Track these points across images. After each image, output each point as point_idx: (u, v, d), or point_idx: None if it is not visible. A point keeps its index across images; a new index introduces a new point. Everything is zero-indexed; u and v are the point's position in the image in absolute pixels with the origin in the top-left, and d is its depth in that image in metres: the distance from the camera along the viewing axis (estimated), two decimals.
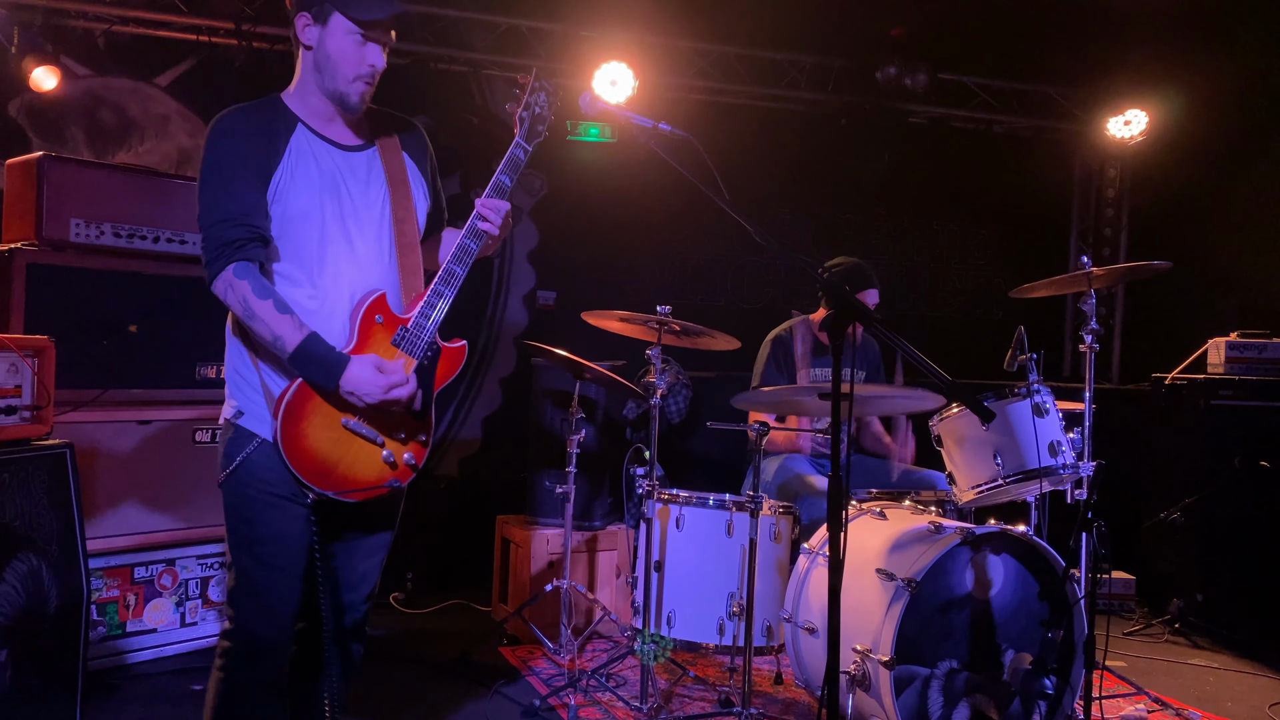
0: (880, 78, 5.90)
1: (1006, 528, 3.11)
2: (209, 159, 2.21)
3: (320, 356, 2.17)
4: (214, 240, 2.16)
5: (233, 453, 2.25)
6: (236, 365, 2.32)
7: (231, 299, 2.18)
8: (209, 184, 2.20)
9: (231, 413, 2.29)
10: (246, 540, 2.28)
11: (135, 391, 3.74)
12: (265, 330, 2.16)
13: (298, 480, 2.19)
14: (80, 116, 5.07)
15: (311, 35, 2.26)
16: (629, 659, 3.79)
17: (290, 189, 2.22)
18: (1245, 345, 4.96)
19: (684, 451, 5.32)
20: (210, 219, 2.18)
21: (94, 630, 3.60)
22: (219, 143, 2.22)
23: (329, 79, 2.26)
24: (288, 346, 2.16)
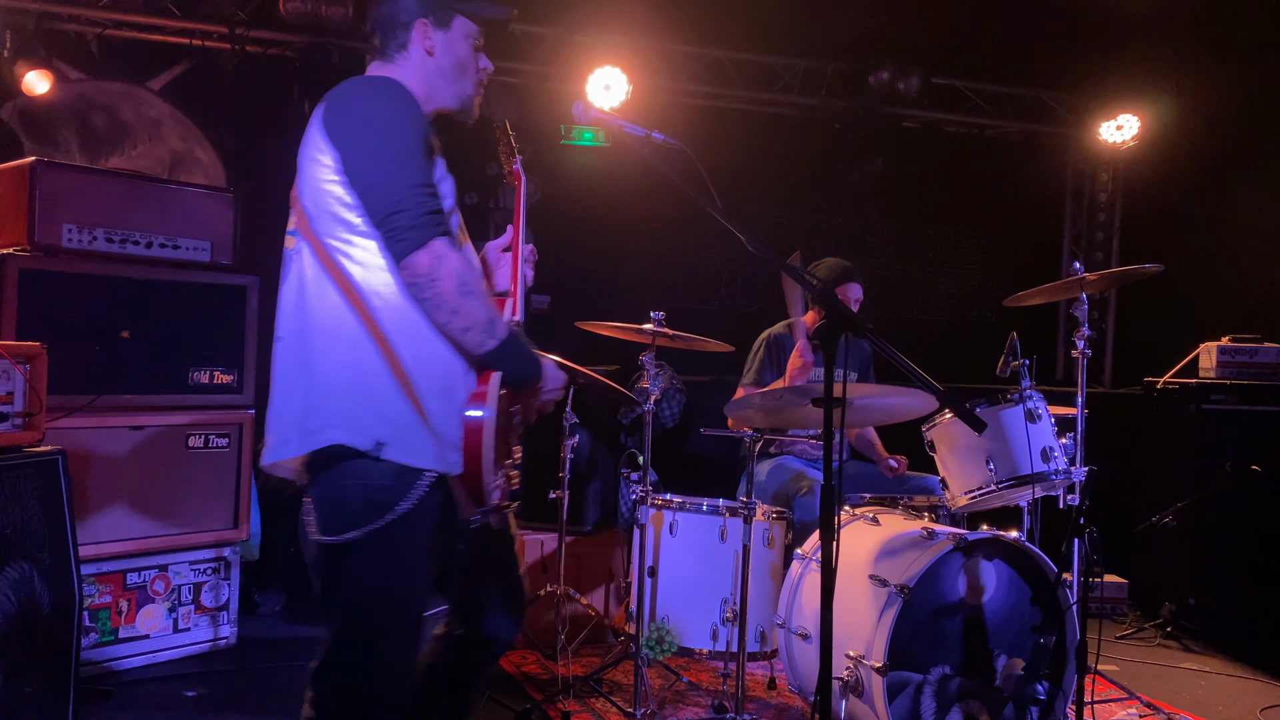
0: (873, 82, 5.92)
1: (999, 534, 3.12)
2: (382, 121, 1.95)
3: (524, 345, 2.00)
4: (417, 206, 1.88)
5: (388, 500, 1.88)
6: (363, 373, 1.91)
7: (443, 273, 1.87)
8: (392, 146, 1.92)
9: (367, 443, 1.87)
10: (387, 608, 1.94)
11: (128, 397, 3.73)
12: (482, 311, 1.92)
13: (483, 500, 1.94)
14: (73, 120, 5.05)
15: (435, 42, 2.12)
16: (623, 664, 3.79)
17: (442, 175, 2.05)
18: (1236, 350, 4.98)
19: (678, 456, 5.32)
20: (407, 181, 1.89)
21: (86, 637, 3.59)
22: (388, 108, 1.97)
23: (454, 85, 2.15)
24: (500, 331, 1.94)
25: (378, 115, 1.97)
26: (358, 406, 1.91)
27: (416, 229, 1.88)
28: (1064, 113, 6.41)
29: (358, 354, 1.92)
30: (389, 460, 1.89)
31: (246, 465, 4.03)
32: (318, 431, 1.91)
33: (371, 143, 1.93)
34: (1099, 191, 6.86)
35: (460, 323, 1.92)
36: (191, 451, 3.89)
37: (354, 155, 1.93)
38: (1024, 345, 3.47)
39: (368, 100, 2.00)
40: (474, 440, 1.93)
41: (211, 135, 5.27)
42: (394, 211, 1.89)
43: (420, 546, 1.96)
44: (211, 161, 5.27)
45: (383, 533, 1.89)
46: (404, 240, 1.88)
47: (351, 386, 1.91)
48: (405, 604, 1.97)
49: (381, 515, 1.88)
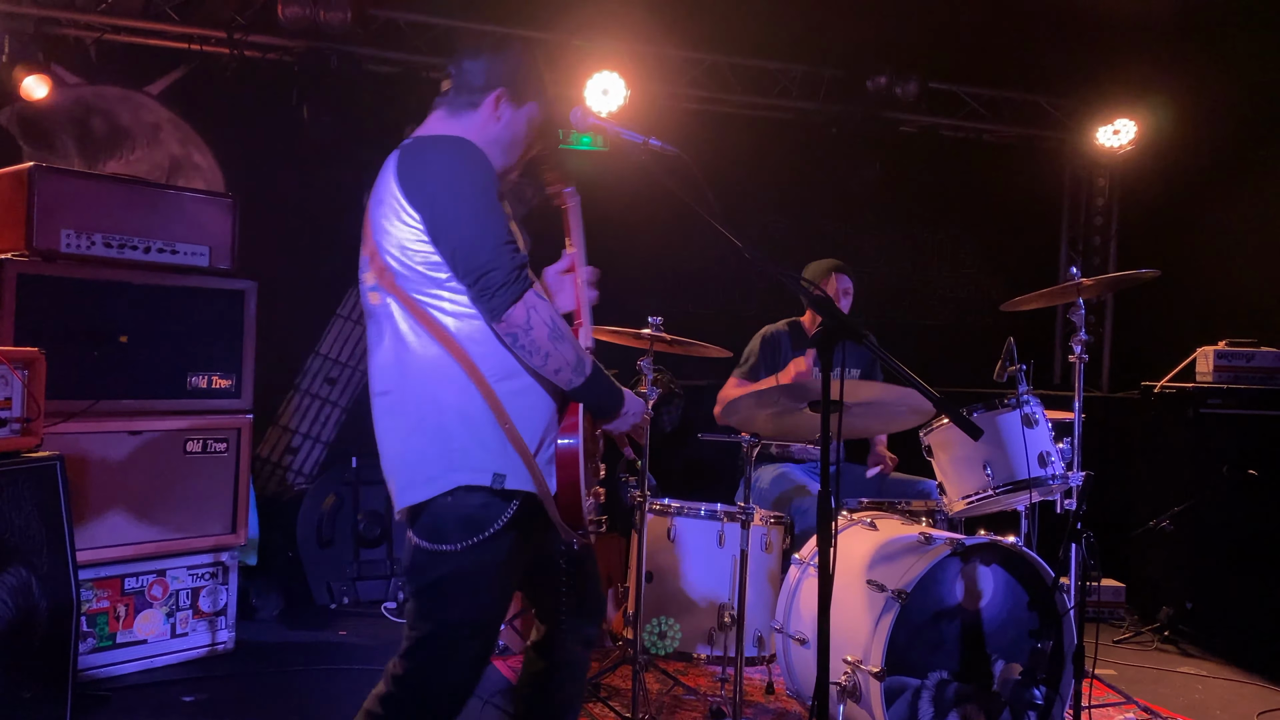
0: (871, 87, 5.92)
1: (996, 539, 3.13)
2: (467, 184, 2.08)
3: (610, 381, 2.18)
4: (509, 262, 2.02)
5: (485, 516, 2.06)
6: (471, 416, 2.07)
7: (536, 321, 2.03)
8: (477, 207, 2.06)
9: (488, 479, 2.05)
10: (475, 608, 2.12)
11: (126, 402, 3.73)
12: (572, 351, 2.09)
13: (580, 528, 2.15)
14: (71, 125, 5.06)
15: (504, 112, 2.26)
16: (621, 669, 3.79)
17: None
18: (1233, 354, 4.99)
19: (676, 460, 5.33)
20: (495, 238, 2.03)
21: (84, 642, 3.60)
22: (473, 166, 2.11)
23: (499, 154, 2.25)
24: (588, 368, 2.12)
25: (460, 178, 2.09)
26: (473, 447, 2.07)
27: (508, 286, 2.01)
28: (1061, 117, 6.42)
29: (465, 398, 2.07)
30: (501, 489, 2.07)
31: (245, 470, 4.04)
32: (442, 476, 2.07)
33: (457, 206, 2.06)
34: (1096, 196, 6.87)
35: (553, 365, 2.08)
36: (189, 456, 3.89)
37: (441, 218, 2.06)
38: (1021, 350, 3.48)
39: (450, 163, 2.11)
40: (568, 467, 2.11)
41: (210, 140, 5.28)
42: (486, 272, 2.02)
43: (506, 563, 2.12)
44: (210, 166, 5.28)
45: (476, 549, 2.07)
46: (499, 297, 2.01)
47: (464, 429, 2.07)
48: (486, 610, 2.14)
49: (478, 534, 2.07)
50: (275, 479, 5.39)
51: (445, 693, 2.14)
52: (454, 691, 2.15)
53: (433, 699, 2.13)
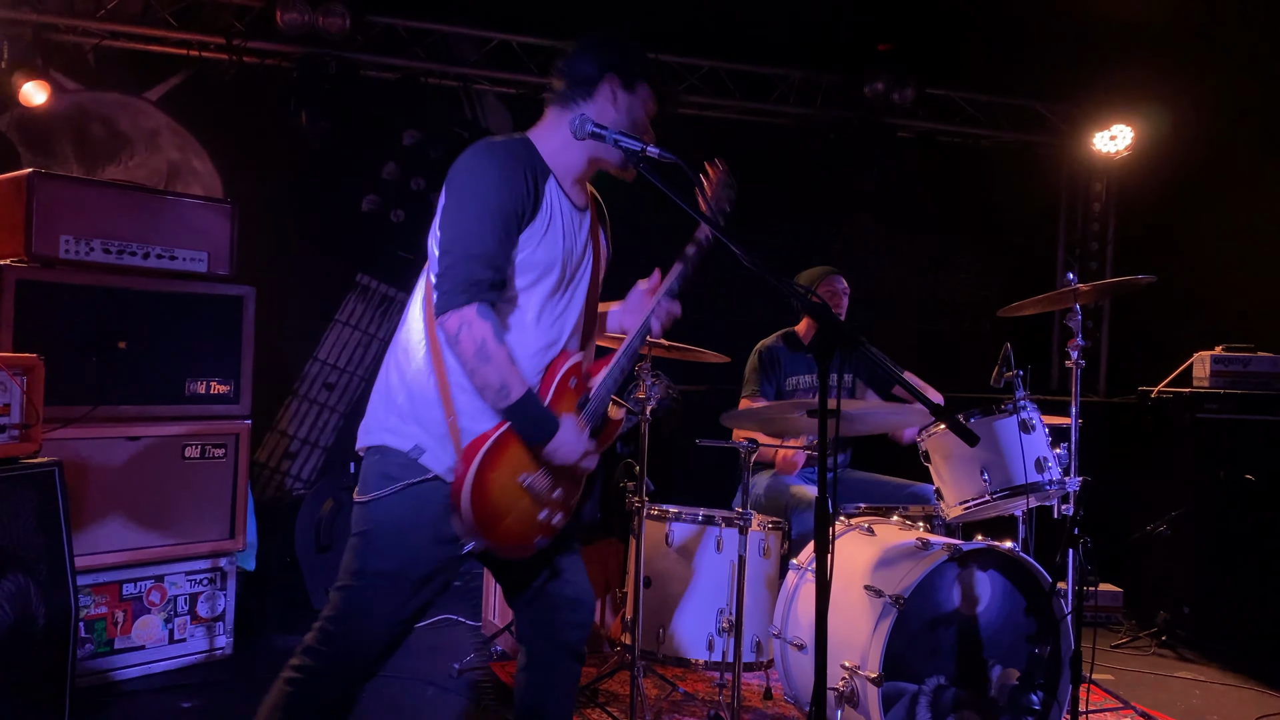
0: (868, 92, 5.94)
1: (993, 544, 3.13)
2: (472, 186, 2.16)
3: (537, 413, 2.19)
4: (462, 273, 2.10)
5: (397, 476, 2.20)
6: (420, 401, 2.21)
7: (465, 337, 2.10)
8: (466, 212, 2.14)
9: (409, 446, 2.20)
10: (380, 562, 2.22)
11: (125, 408, 3.73)
12: (494, 376, 2.12)
13: (468, 528, 2.15)
14: (70, 131, 5.07)
15: (619, 97, 2.31)
16: (619, 674, 3.80)
17: (540, 240, 2.21)
18: (1230, 359, 5.00)
19: (674, 466, 5.33)
20: (462, 248, 2.12)
21: (82, 648, 3.59)
22: (484, 175, 2.17)
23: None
24: (512, 397, 2.13)
25: (470, 181, 2.18)
26: (411, 417, 2.22)
27: (453, 293, 2.11)
28: (1058, 123, 6.44)
29: (424, 377, 2.21)
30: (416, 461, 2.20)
31: (243, 475, 4.04)
32: (377, 431, 2.26)
33: (455, 206, 2.18)
34: (1093, 201, 6.88)
35: (476, 381, 2.15)
36: (188, 462, 3.89)
37: (444, 213, 2.20)
38: (1019, 355, 3.49)
39: (472, 164, 2.20)
40: (464, 461, 2.15)
41: (209, 146, 5.29)
42: (443, 272, 2.14)
43: (420, 524, 2.19)
44: (208, 172, 5.29)
45: (388, 501, 2.20)
46: (442, 300, 2.12)
47: (410, 401, 2.22)
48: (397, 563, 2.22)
49: (389, 484, 2.20)
50: (274, 484, 5.40)
51: (360, 645, 2.23)
52: (368, 645, 2.23)
53: (348, 650, 2.23)
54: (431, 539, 2.20)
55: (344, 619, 2.23)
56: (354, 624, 2.22)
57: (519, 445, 2.20)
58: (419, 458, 2.19)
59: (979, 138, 6.49)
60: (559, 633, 2.43)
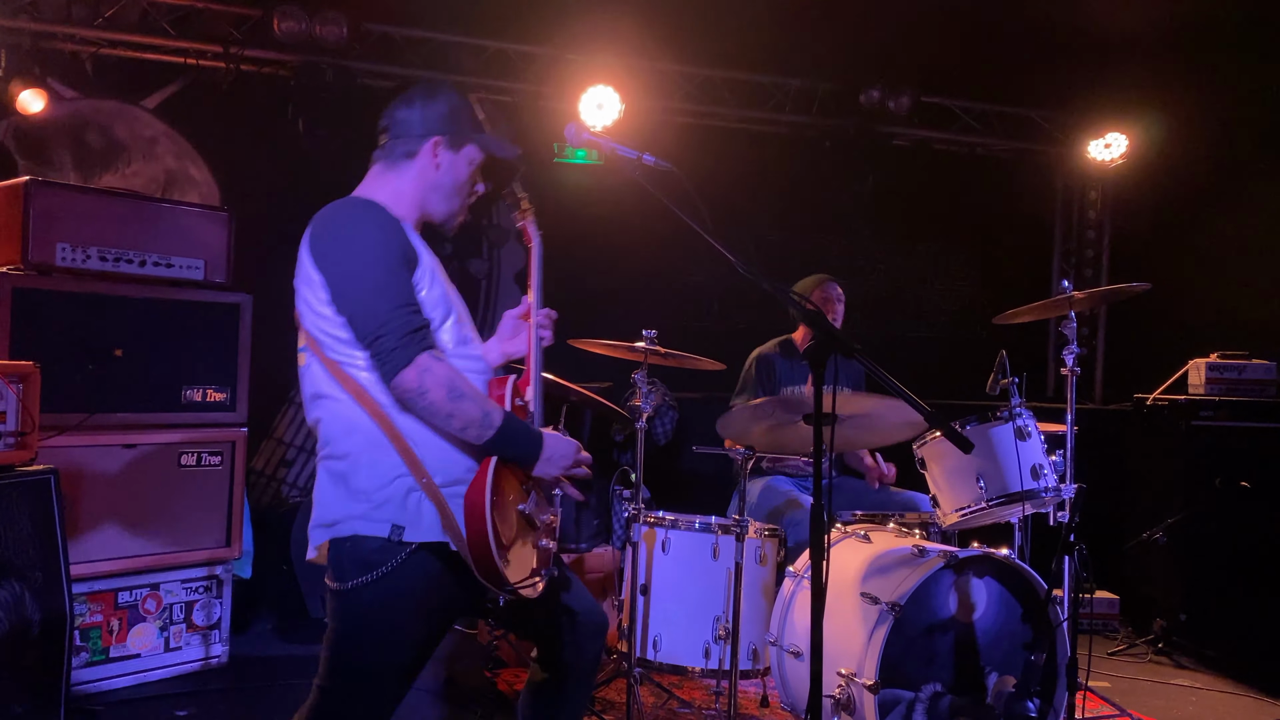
0: (864, 101, 5.97)
1: (989, 551, 3.13)
2: (364, 246, 2.10)
3: (523, 430, 2.14)
4: (400, 326, 2.03)
5: (378, 560, 2.07)
6: (383, 471, 2.09)
7: (430, 383, 2.03)
8: (367, 273, 2.08)
9: (386, 530, 2.07)
10: (370, 656, 2.10)
11: (121, 415, 3.73)
12: (474, 409, 2.06)
13: (499, 583, 2.06)
14: (67, 139, 5.07)
15: (442, 159, 2.27)
16: (615, 682, 3.79)
17: (428, 281, 2.18)
18: (1225, 366, 5.01)
19: (671, 473, 5.34)
20: (388, 303, 2.05)
21: (77, 656, 3.59)
22: (367, 233, 2.11)
23: (443, 201, 2.29)
24: (497, 421, 2.08)
25: (356, 243, 2.11)
26: (377, 497, 2.09)
27: (400, 349, 2.03)
28: (1053, 131, 6.46)
29: (378, 450, 2.10)
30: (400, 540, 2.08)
31: (239, 483, 4.03)
32: (344, 521, 2.11)
33: (353, 273, 2.09)
34: (1088, 209, 6.90)
35: (457, 424, 2.07)
36: (184, 469, 3.89)
37: (338, 285, 2.09)
38: (1014, 362, 3.50)
39: (348, 228, 2.14)
40: (473, 520, 2.04)
41: (206, 154, 5.29)
42: (377, 337, 2.04)
43: (409, 603, 2.10)
44: (205, 180, 5.29)
45: (372, 586, 2.07)
46: (390, 361, 2.03)
47: (372, 479, 2.10)
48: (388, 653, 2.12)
49: (372, 571, 2.07)
50: (270, 492, 5.39)
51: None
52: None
53: None
54: (425, 614, 2.13)
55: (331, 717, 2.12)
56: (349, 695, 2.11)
57: (508, 475, 2.14)
58: (400, 537, 2.07)
59: (974, 146, 6.51)
60: (583, 651, 2.40)
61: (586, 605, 2.44)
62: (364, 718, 2.13)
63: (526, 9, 5.27)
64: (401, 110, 2.30)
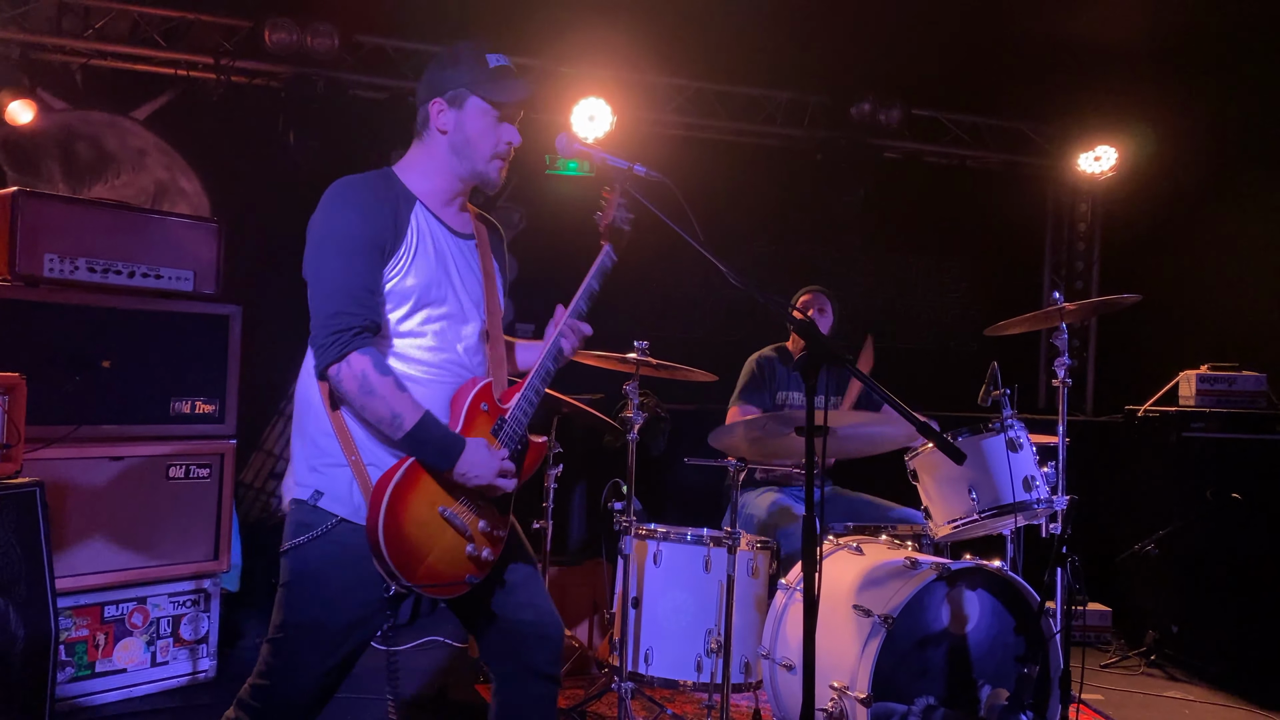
0: (855, 113, 5.99)
1: (982, 563, 3.13)
2: (326, 231, 2.16)
3: (438, 437, 2.14)
4: (330, 326, 2.10)
5: (311, 523, 2.18)
6: (320, 444, 2.20)
7: (346, 375, 2.09)
8: (326, 260, 2.14)
9: (307, 494, 2.19)
10: (303, 612, 2.21)
11: (108, 428, 3.70)
12: (383, 408, 2.10)
13: (387, 570, 2.10)
14: (56, 150, 5.05)
15: (448, 120, 2.28)
16: (606, 696, 3.76)
17: (410, 267, 2.20)
18: (1215, 378, 5.02)
19: (663, 485, 5.32)
20: (328, 305, 2.11)
21: (62, 671, 3.54)
22: (338, 215, 2.16)
23: (468, 160, 2.29)
24: (405, 425, 2.10)
25: (323, 226, 2.18)
26: (314, 467, 2.21)
27: (326, 348, 2.11)
28: (1043, 144, 6.49)
29: (320, 424, 2.21)
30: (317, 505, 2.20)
31: (228, 496, 4.00)
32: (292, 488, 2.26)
33: (314, 255, 2.17)
34: (1078, 221, 6.93)
35: (369, 415, 2.14)
36: (172, 482, 3.86)
37: (305, 264, 2.19)
38: (1006, 374, 3.49)
39: (324, 209, 2.20)
40: (372, 504, 2.10)
41: (196, 165, 5.28)
42: (313, 331, 2.15)
43: (335, 569, 2.18)
44: (195, 191, 5.28)
45: (304, 549, 2.19)
46: (319, 354, 2.13)
47: (314, 451, 2.22)
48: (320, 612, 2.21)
49: (305, 533, 2.19)
50: (259, 505, 5.35)
51: (291, 696, 2.23)
52: (299, 695, 2.23)
53: (279, 703, 2.23)
54: (351, 584, 2.16)
55: (273, 672, 2.22)
56: (284, 676, 2.22)
57: (430, 477, 2.15)
58: (317, 502, 2.17)
59: (965, 158, 6.54)
60: (526, 657, 2.36)
61: (538, 614, 2.39)
62: (305, 673, 2.21)
63: (518, 21, 5.28)
64: (419, 85, 2.34)
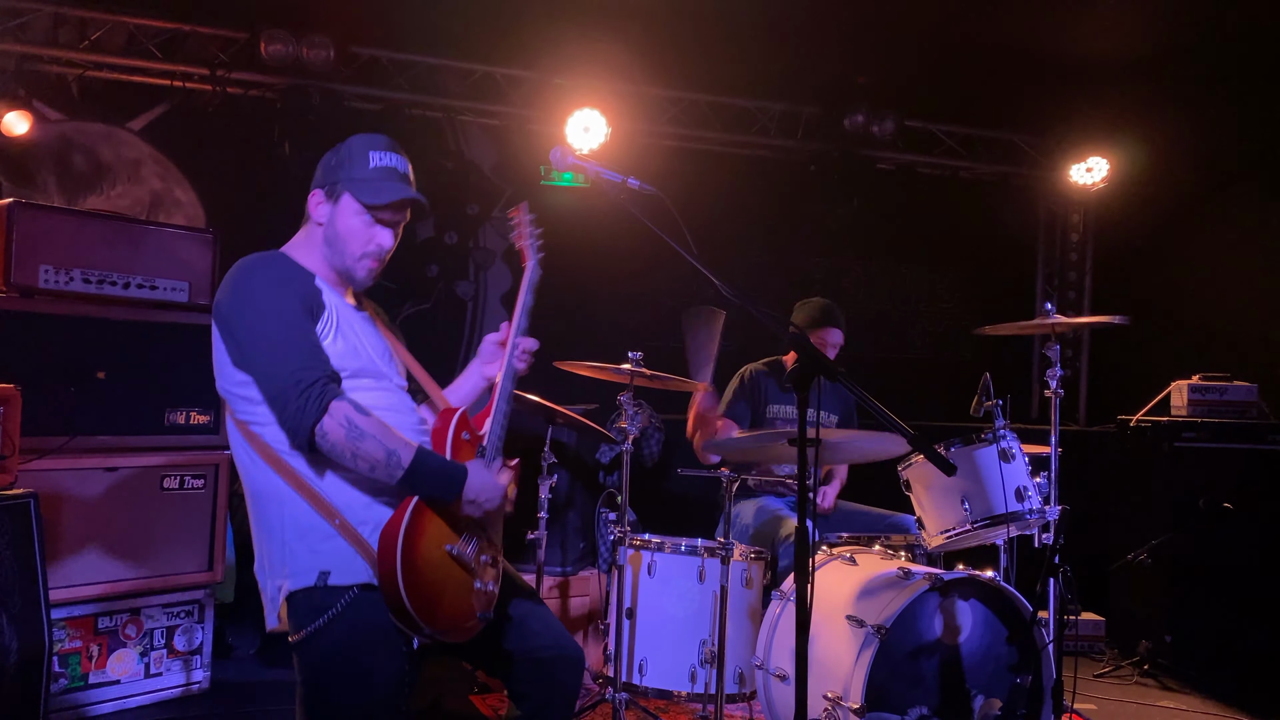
0: (848, 125, 6.02)
1: (974, 573, 3.13)
2: (259, 304, 2.11)
3: (438, 466, 2.11)
4: (298, 386, 2.03)
5: (326, 604, 2.07)
6: (303, 524, 2.11)
7: (331, 426, 2.03)
8: (266, 332, 2.09)
9: (312, 579, 2.08)
10: (343, 696, 2.06)
11: (103, 438, 3.70)
12: (376, 449, 2.04)
13: (411, 624, 2.03)
14: (52, 161, 5.06)
15: (323, 213, 2.29)
16: (601, 707, 3.76)
17: (336, 333, 2.20)
18: (1207, 388, 5.05)
19: (657, 495, 5.32)
20: (287, 365, 2.05)
21: (55, 683, 3.53)
22: (261, 290, 2.13)
23: (338, 255, 2.28)
24: (404, 460, 2.05)
25: (251, 299, 2.13)
26: (303, 551, 2.10)
27: (302, 411, 2.03)
28: (1035, 155, 6.53)
29: (293, 507, 2.12)
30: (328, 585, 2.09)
31: (222, 506, 4.00)
32: (287, 581, 2.13)
33: (250, 330, 2.11)
34: (1071, 232, 6.96)
35: (364, 465, 2.06)
36: (166, 493, 3.85)
37: (239, 343, 2.12)
38: (998, 385, 3.51)
39: (241, 288, 2.15)
40: (384, 558, 2.03)
41: (191, 176, 5.29)
42: (277, 398, 2.06)
43: (363, 644, 2.07)
44: (191, 202, 5.28)
45: (325, 630, 2.07)
46: (297, 417, 2.03)
47: (295, 536, 2.11)
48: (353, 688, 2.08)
49: (322, 615, 2.07)
50: None
51: None
52: None
53: None
54: (380, 653, 2.08)
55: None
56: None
57: (434, 516, 2.10)
58: (328, 582, 2.07)
59: (958, 170, 6.57)
60: (553, 687, 2.35)
61: (555, 640, 2.38)
62: None
63: (514, 33, 5.30)
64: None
